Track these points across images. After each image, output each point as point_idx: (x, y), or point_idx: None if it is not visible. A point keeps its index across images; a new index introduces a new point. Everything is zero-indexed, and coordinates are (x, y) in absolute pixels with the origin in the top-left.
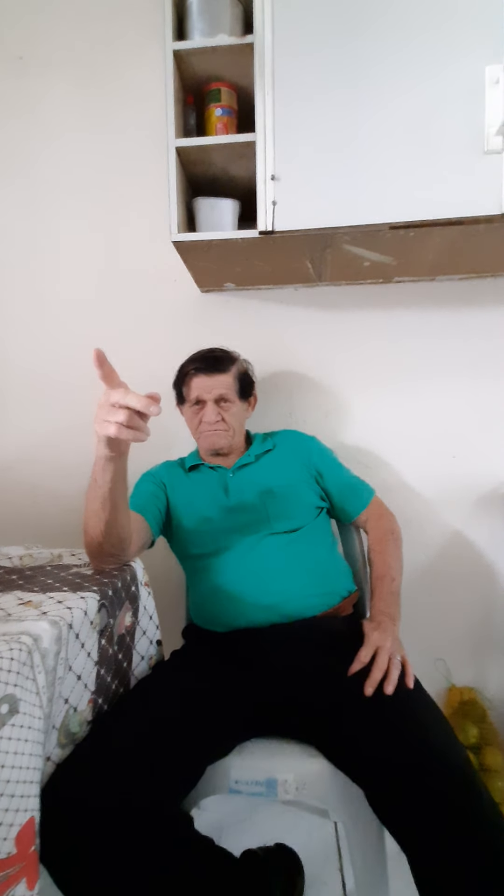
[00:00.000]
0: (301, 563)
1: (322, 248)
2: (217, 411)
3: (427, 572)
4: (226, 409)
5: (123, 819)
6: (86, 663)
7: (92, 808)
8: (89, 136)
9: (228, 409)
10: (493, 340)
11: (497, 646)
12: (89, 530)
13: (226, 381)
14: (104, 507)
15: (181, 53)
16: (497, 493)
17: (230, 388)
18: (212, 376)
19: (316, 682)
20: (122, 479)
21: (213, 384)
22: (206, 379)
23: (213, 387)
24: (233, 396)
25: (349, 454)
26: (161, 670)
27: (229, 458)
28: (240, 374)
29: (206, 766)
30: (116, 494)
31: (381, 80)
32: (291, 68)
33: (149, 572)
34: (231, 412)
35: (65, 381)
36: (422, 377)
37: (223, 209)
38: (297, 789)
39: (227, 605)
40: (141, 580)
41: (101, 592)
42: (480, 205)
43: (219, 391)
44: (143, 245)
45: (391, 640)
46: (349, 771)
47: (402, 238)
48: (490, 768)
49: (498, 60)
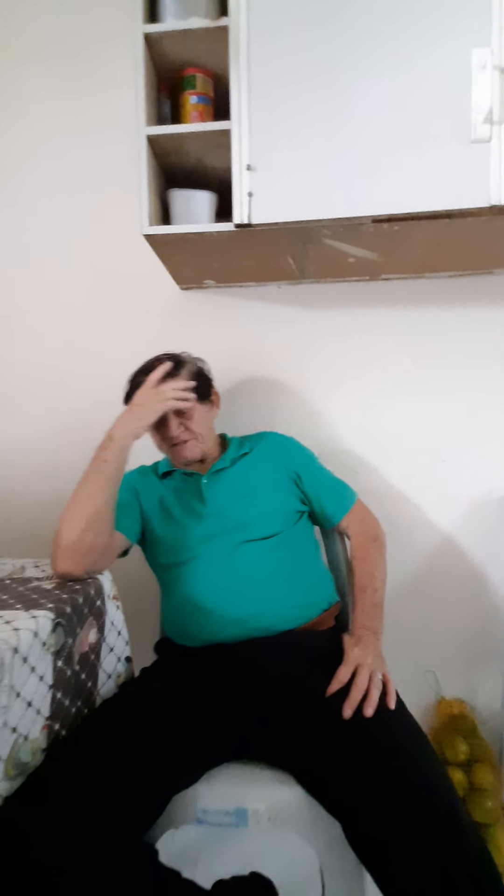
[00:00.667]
0: (278, 573)
1: (303, 243)
2: (179, 423)
3: (415, 580)
4: (188, 417)
5: (78, 855)
6: (38, 688)
7: (42, 843)
8: (61, 125)
9: (191, 417)
10: (484, 340)
11: (488, 657)
12: (74, 521)
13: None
14: (107, 485)
15: (153, 37)
16: (488, 499)
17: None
18: (165, 384)
19: (292, 703)
20: (125, 461)
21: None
22: (161, 388)
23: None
24: (192, 401)
25: (334, 457)
26: (128, 690)
27: (204, 463)
28: (192, 377)
29: (173, 795)
30: (120, 473)
31: (362, 65)
32: (268, 53)
33: (122, 583)
34: (195, 419)
35: (35, 387)
36: (410, 378)
37: (199, 202)
38: (270, 819)
39: (200, 618)
40: (108, 593)
41: (56, 610)
42: (468, 197)
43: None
44: (119, 241)
45: (372, 657)
46: (325, 802)
47: (387, 232)
48: (480, 787)
49: (485, 43)
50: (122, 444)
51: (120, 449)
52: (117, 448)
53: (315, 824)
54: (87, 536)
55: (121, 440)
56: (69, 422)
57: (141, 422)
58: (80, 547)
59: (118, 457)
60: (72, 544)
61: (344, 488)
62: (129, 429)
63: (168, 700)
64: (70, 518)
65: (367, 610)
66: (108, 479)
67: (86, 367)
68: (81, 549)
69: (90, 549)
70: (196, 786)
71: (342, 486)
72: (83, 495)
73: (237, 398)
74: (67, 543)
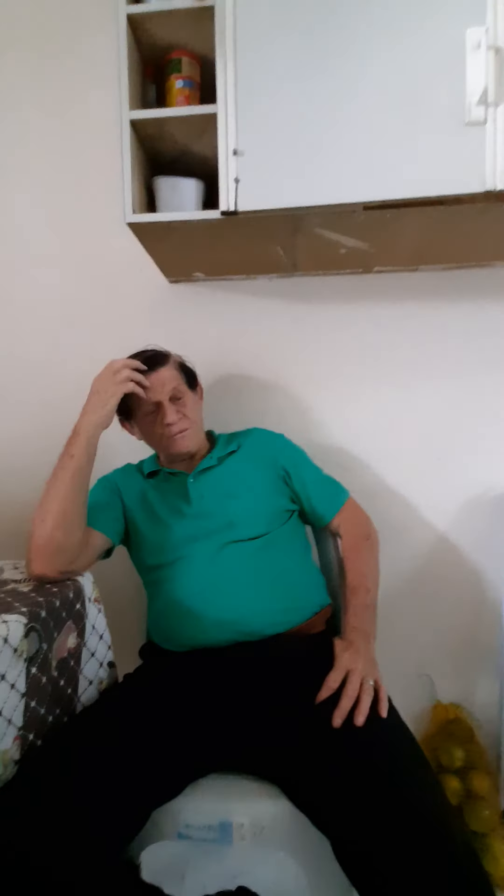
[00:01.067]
0: (266, 575)
1: (292, 232)
2: (176, 410)
3: (410, 581)
4: (183, 404)
5: (53, 874)
6: (9, 697)
7: (14, 862)
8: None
9: (186, 404)
10: (480, 335)
11: (485, 660)
12: (46, 519)
13: (172, 374)
14: (74, 481)
15: (137, 18)
16: (484, 498)
17: (178, 380)
18: (156, 373)
19: (279, 711)
20: (93, 455)
21: (161, 381)
22: (152, 378)
23: (162, 383)
24: (184, 388)
25: (327, 455)
26: (108, 697)
27: (192, 460)
28: (179, 365)
29: (153, 809)
30: (87, 468)
31: (352, 46)
32: (256, 34)
33: (105, 586)
34: (189, 406)
35: (17, 383)
36: (404, 374)
37: (185, 189)
38: (255, 834)
39: (185, 622)
40: (89, 596)
41: (30, 614)
42: (462, 182)
43: (170, 385)
44: (106, 233)
45: (363, 662)
46: (313, 816)
47: (378, 220)
48: (477, 794)
49: (480, 22)
50: (87, 436)
51: (86, 442)
52: (83, 441)
53: (302, 839)
54: (56, 535)
55: (86, 432)
56: (51, 419)
57: (103, 409)
58: (50, 546)
59: (85, 450)
60: (42, 544)
61: (335, 486)
62: (92, 419)
63: (151, 708)
64: (40, 518)
65: (359, 612)
66: (74, 474)
67: (71, 362)
68: (51, 549)
69: (60, 548)
70: (178, 799)
71: (333, 484)
72: (51, 493)
73: (228, 393)
74: (38, 543)
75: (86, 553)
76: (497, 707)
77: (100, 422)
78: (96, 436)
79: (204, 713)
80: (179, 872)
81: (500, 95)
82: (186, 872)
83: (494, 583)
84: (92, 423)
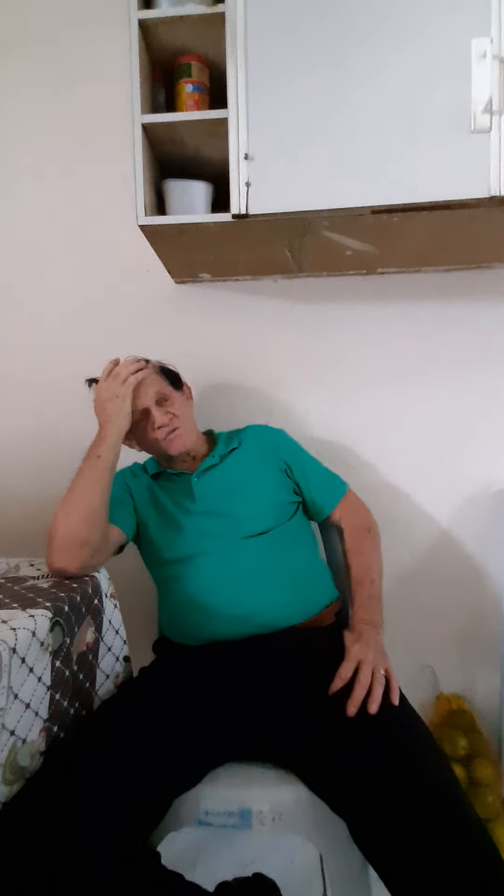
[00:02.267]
0: (278, 569)
1: (301, 235)
2: (165, 411)
3: (413, 575)
4: (171, 404)
5: (80, 863)
6: (36, 689)
7: (43, 851)
8: (50, 114)
9: (173, 404)
10: (482, 336)
11: (486, 651)
12: (72, 515)
13: (153, 378)
14: (101, 480)
15: (147, 23)
16: (485, 494)
17: (161, 382)
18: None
19: (294, 702)
20: (118, 455)
21: (143, 387)
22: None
23: (144, 390)
24: (168, 390)
25: (332, 453)
26: (127, 690)
27: (193, 461)
28: (159, 369)
29: (175, 798)
30: (115, 467)
31: (361, 54)
32: (266, 41)
33: (117, 582)
34: (177, 406)
35: (25, 381)
36: (407, 373)
37: (195, 192)
38: (274, 820)
39: (199, 617)
40: (105, 592)
41: (55, 608)
42: (467, 187)
43: (153, 389)
44: (112, 234)
45: (373, 652)
46: (330, 801)
47: (385, 224)
48: (481, 782)
49: (485, 33)
50: (112, 440)
51: (112, 444)
52: (109, 443)
53: (320, 823)
54: (82, 530)
55: (111, 437)
56: (60, 417)
57: (122, 412)
58: (75, 541)
59: (111, 451)
60: (67, 539)
61: (334, 479)
62: (116, 424)
63: (168, 701)
64: (65, 513)
65: (366, 603)
66: (101, 473)
67: (77, 361)
68: (76, 543)
69: (85, 542)
70: (199, 787)
71: (333, 477)
72: (77, 490)
73: (233, 393)
74: (63, 538)
75: (104, 548)
76: (498, 697)
77: (123, 425)
78: (121, 438)
79: (221, 704)
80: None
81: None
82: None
83: (495, 576)
84: (117, 427)
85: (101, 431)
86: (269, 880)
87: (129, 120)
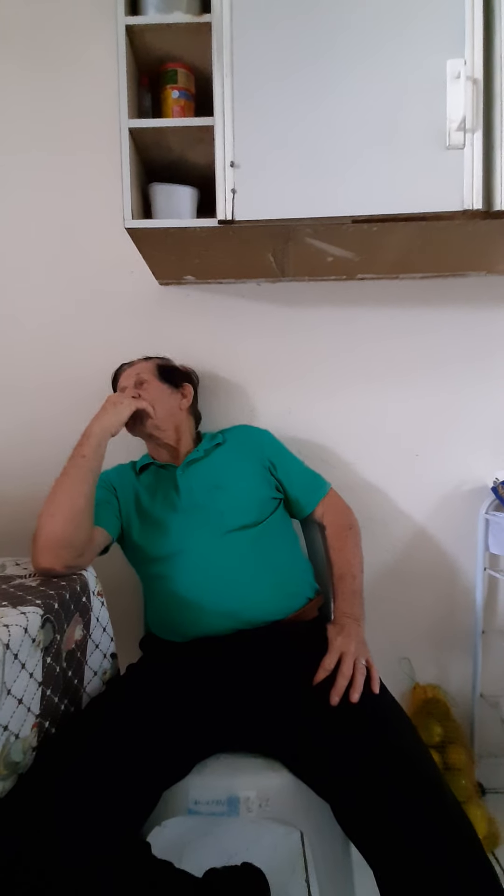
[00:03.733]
0: (261, 564)
1: (284, 241)
2: (134, 387)
3: (391, 571)
4: (145, 388)
5: (74, 856)
6: (28, 685)
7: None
8: (34, 116)
9: (147, 389)
10: (455, 340)
11: (459, 643)
12: (55, 516)
13: (145, 367)
14: (85, 480)
15: (135, 29)
16: (459, 491)
17: (149, 371)
18: (132, 366)
19: (280, 693)
20: (102, 455)
21: (133, 371)
22: (128, 370)
23: (133, 373)
24: (150, 377)
25: (312, 452)
26: (115, 687)
27: (178, 454)
28: (156, 364)
29: (165, 790)
30: (99, 468)
31: (343, 69)
32: (251, 51)
33: (104, 580)
34: (149, 390)
35: (10, 382)
36: (385, 375)
37: (181, 196)
38: (260, 806)
39: (185, 613)
40: (93, 589)
41: (45, 606)
42: (442, 200)
43: (136, 373)
44: (98, 235)
45: (355, 644)
46: (315, 785)
47: (365, 233)
48: (454, 766)
49: (459, 54)
50: (98, 440)
51: (97, 445)
52: (94, 444)
53: (305, 807)
54: (67, 530)
55: (97, 437)
56: (45, 418)
57: (116, 418)
58: (60, 541)
59: (95, 452)
60: (52, 539)
61: (317, 478)
62: (104, 425)
63: (155, 696)
64: (50, 513)
65: (348, 597)
66: (85, 474)
67: (62, 361)
68: (61, 543)
69: (70, 543)
70: (187, 777)
71: (315, 476)
72: (62, 491)
73: (216, 394)
74: (48, 538)
75: (89, 548)
76: (470, 687)
77: (110, 427)
78: (106, 439)
79: (209, 697)
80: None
81: (478, 123)
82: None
83: (468, 572)
84: (102, 428)
85: (88, 429)
86: (257, 869)
87: (114, 122)
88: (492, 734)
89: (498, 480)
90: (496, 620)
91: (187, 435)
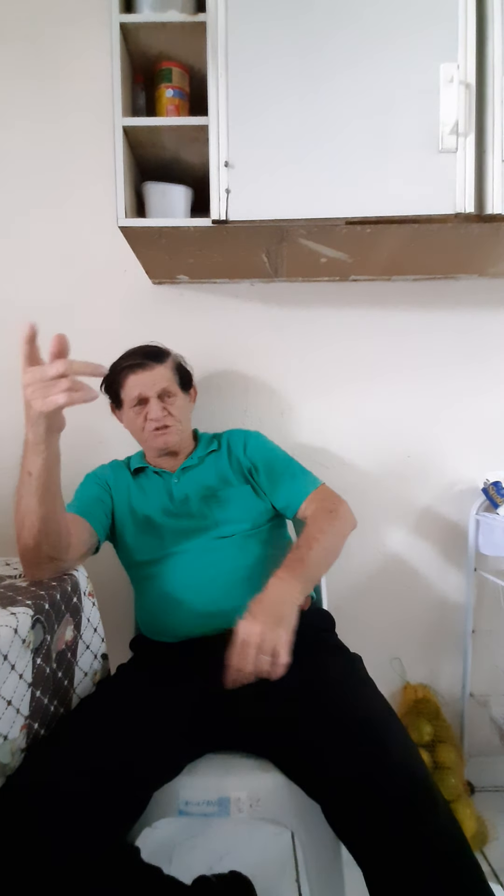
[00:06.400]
0: (251, 567)
1: (278, 241)
2: (162, 407)
3: (383, 572)
4: (171, 403)
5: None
6: (17, 686)
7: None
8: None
9: (173, 403)
10: (447, 342)
11: (449, 643)
12: (24, 533)
13: (165, 374)
14: (40, 500)
15: (129, 27)
16: (450, 493)
17: (171, 380)
18: (150, 370)
19: (269, 693)
20: (57, 464)
21: (153, 378)
22: (145, 374)
23: (153, 381)
24: (175, 389)
25: (305, 453)
26: (105, 688)
27: (176, 459)
28: (176, 366)
29: (154, 791)
30: (51, 482)
31: (337, 71)
32: (246, 51)
33: (94, 580)
34: (176, 405)
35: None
36: (377, 376)
37: (175, 196)
38: (251, 806)
39: (176, 615)
40: (84, 590)
41: (35, 606)
42: (435, 204)
43: (161, 384)
44: (91, 233)
45: (262, 624)
46: (305, 785)
47: (358, 234)
48: (444, 765)
49: (452, 59)
50: (35, 448)
51: (34, 454)
52: (32, 455)
53: (295, 808)
54: (40, 546)
55: (34, 446)
56: None
57: (34, 430)
58: (37, 557)
59: (36, 463)
60: (29, 556)
61: (306, 476)
62: (36, 431)
63: (146, 697)
64: (20, 536)
65: (289, 563)
66: (35, 490)
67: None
68: (39, 559)
69: (47, 556)
70: (178, 778)
71: (305, 474)
72: (21, 510)
73: (208, 394)
74: (24, 555)
75: (78, 549)
76: (460, 686)
77: (37, 441)
78: (44, 446)
79: (200, 698)
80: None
81: (470, 127)
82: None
83: (458, 572)
84: (37, 435)
85: (25, 438)
86: (245, 878)
87: (107, 120)
88: (481, 733)
89: (488, 481)
90: (486, 620)
91: (189, 439)
